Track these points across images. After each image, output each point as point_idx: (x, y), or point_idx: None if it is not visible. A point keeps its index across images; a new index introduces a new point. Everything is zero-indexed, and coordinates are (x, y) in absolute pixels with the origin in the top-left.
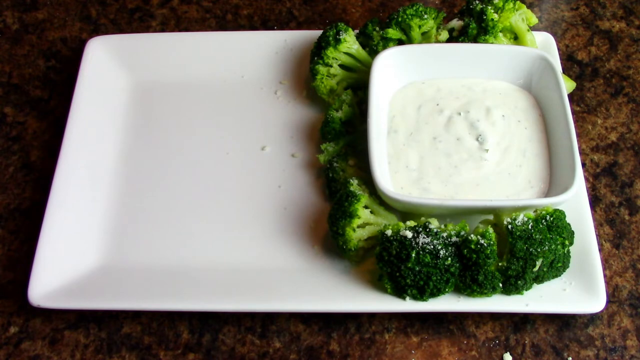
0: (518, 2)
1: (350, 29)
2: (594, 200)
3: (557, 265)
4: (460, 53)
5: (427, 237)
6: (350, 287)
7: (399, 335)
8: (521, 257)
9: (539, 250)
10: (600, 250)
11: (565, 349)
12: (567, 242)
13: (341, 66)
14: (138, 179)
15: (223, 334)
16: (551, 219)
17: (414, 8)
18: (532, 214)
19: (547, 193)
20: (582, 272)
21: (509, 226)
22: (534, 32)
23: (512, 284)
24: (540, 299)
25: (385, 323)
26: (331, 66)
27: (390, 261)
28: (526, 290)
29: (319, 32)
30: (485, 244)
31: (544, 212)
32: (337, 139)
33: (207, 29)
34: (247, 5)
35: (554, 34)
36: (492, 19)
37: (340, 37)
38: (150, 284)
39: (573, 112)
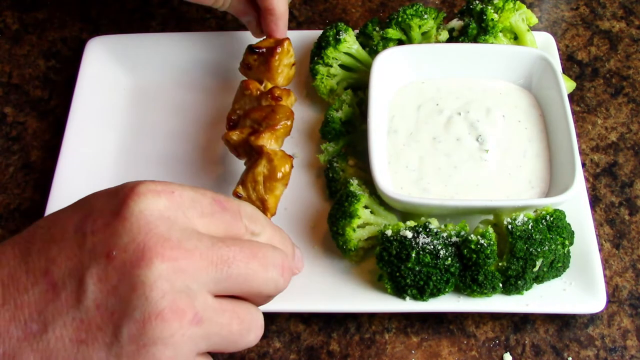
0: (518, 2)
1: (350, 29)
2: (594, 200)
3: (557, 265)
4: (460, 53)
5: (427, 237)
6: (350, 287)
7: (399, 335)
8: (521, 257)
9: (539, 250)
10: (600, 250)
11: (565, 349)
12: (567, 242)
13: (341, 66)
14: (138, 179)
15: None
16: (551, 219)
17: (414, 8)
18: (532, 214)
19: (547, 193)
20: (582, 272)
21: (509, 226)
22: (534, 32)
23: (512, 284)
24: (540, 299)
25: (385, 323)
26: (331, 66)
27: (390, 261)
28: (526, 290)
29: (319, 32)
30: (485, 244)
31: (544, 212)
32: (337, 139)
33: (207, 29)
34: None
35: (554, 34)
36: (492, 19)
37: (340, 37)
38: None
39: (573, 112)
